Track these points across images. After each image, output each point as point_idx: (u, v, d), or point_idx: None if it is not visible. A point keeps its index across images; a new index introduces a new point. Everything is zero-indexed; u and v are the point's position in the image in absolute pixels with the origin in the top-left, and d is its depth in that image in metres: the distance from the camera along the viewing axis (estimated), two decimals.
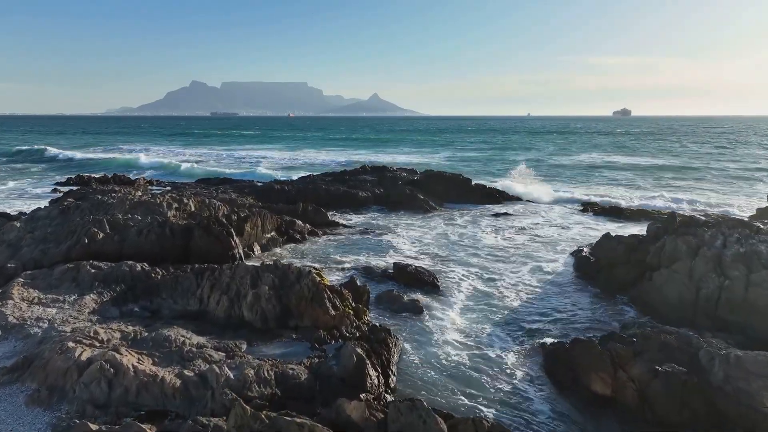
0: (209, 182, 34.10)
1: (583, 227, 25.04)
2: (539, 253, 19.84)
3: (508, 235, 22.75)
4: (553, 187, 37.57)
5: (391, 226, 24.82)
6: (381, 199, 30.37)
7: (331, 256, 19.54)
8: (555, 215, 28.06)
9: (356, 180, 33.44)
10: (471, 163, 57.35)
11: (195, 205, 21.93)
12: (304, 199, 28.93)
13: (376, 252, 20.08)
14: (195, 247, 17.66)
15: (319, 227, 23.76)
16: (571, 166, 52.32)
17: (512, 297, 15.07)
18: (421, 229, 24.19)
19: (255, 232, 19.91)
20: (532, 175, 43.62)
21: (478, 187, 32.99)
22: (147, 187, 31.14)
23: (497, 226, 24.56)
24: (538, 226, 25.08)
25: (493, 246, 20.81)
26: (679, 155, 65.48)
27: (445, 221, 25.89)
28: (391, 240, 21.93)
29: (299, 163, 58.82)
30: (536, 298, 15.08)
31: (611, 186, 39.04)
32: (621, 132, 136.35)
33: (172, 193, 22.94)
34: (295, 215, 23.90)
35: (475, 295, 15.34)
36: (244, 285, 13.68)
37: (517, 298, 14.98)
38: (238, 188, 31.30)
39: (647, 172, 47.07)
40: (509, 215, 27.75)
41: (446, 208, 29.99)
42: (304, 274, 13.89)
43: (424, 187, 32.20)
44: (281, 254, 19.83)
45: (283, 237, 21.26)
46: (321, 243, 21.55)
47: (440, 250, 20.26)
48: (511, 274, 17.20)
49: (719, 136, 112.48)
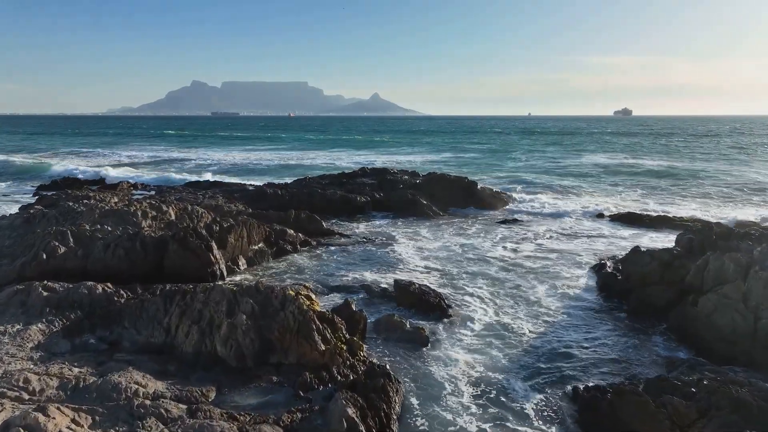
0: (198, 186, 32.07)
1: (601, 236, 22.98)
2: (556, 269, 17.77)
3: (520, 247, 20.68)
4: (562, 191, 35.52)
5: (391, 235, 22.77)
6: (381, 205, 28.33)
7: (325, 270, 17.50)
8: (568, 222, 26.00)
9: (354, 183, 31.41)
10: (473, 165, 55.32)
11: (175, 213, 19.89)
12: (298, 204, 26.92)
13: (374, 266, 18.04)
14: (169, 263, 15.62)
15: (313, 236, 21.73)
16: (579, 169, 50.22)
17: (531, 326, 12.99)
18: (425, 238, 22.13)
19: (240, 244, 17.86)
20: (539, 179, 41.69)
21: (484, 191, 30.94)
22: (130, 191, 29.09)
23: (508, 236, 22.50)
24: (551, 235, 23.02)
25: (504, 260, 18.74)
26: (691, 157, 63.28)
27: (451, 230, 23.82)
28: (391, 252, 19.88)
29: (294, 164, 56.75)
30: (559, 327, 13.00)
31: (625, 190, 36.96)
32: (627, 132, 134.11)
33: (151, 200, 20.91)
34: (286, 223, 21.85)
35: (488, 322, 13.26)
36: (218, 313, 11.62)
37: (537, 328, 12.90)
38: (228, 192, 29.26)
39: (661, 175, 44.99)
40: (519, 222, 25.69)
41: (451, 214, 27.94)
42: (289, 299, 11.83)
43: (427, 191, 30.14)
44: (269, 269, 17.79)
45: (272, 248, 19.21)
46: (314, 255, 19.50)
47: (447, 264, 18.20)
48: (528, 295, 15.12)
49: (730, 135, 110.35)
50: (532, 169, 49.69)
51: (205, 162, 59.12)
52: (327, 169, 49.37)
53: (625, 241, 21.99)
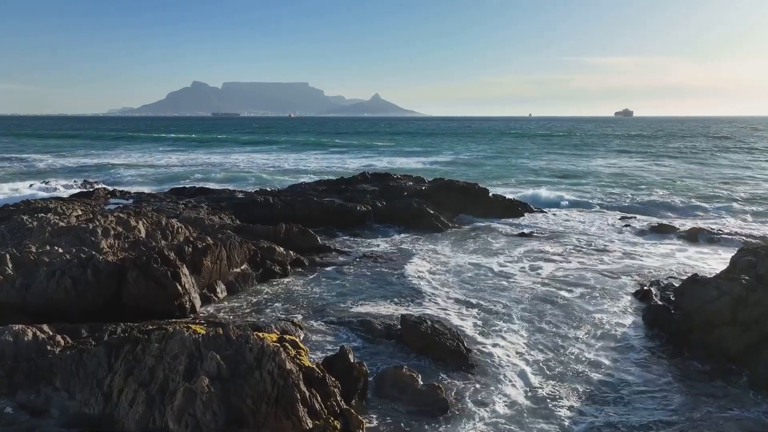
0: (183, 192, 29.33)
1: (633, 251, 20.23)
2: (593, 298, 15.01)
3: (545, 267, 17.93)
4: (580, 198, 32.80)
5: (395, 252, 20.05)
6: (383, 215, 25.58)
7: (317, 299, 14.77)
8: (591, 235, 23.23)
9: (354, 190, 28.68)
10: (480, 168, 52.57)
11: (146, 229, 17.15)
12: (291, 214, 24.20)
13: (376, 294, 15.30)
14: (128, 295, 12.87)
15: (307, 254, 19.00)
16: (593, 172, 47.45)
17: (578, 384, 10.22)
18: (434, 257, 19.38)
19: (218, 267, 15.12)
20: (553, 184, 39.05)
21: (497, 198, 28.21)
22: (106, 199, 26.36)
23: (530, 254, 19.73)
24: (577, 251, 20.27)
25: (530, 286, 15.98)
26: (705, 159, 60.51)
27: (464, 245, 21.06)
28: (396, 274, 17.15)
29: (290, 168, 54.02)
30: (614, 384, 10.24)
31: (646, 195, 34.18)
32: (637, 135, 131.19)
33: (120, 212, 18.17)
34: (275, 239, 19.13)
35: (521, 372, 10.53)
36: (174, 372, 8.90)
37: (585, 387, 10.13)
38: (215, 200, 26.53)
39: (680, 179, 42.23)
40: (538, 236, 22.93)
41: (461, 225, 25.20)
42: (267, 354, 9.08)
43: (434, 198, 27.42)
44: (253, 296, 15.06)
45: (258, 270, 16.47)
46: (307, 278, 16.77)
47: (462, 291, 15.45)
48: (566, 337, 12.37)
49: (748, 137, 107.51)
50: (543, 173, 46.95)
51: (196, 165, 56.43)
52: (325, 173, 46.69)
53: (661, 258, 19.28)
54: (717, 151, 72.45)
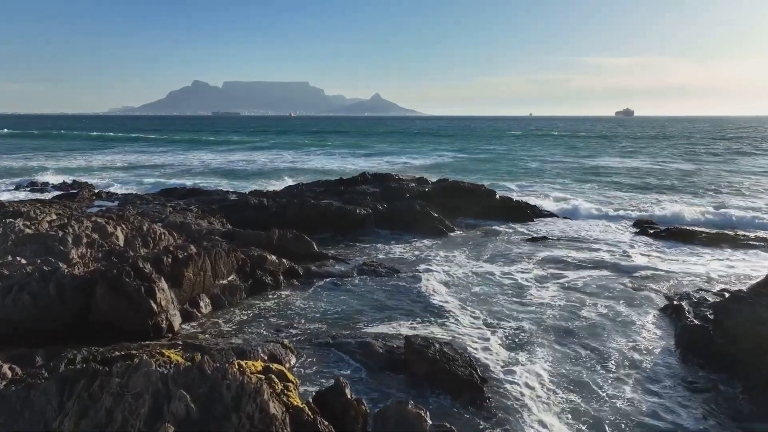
0: (173, 194, 27.85)
1: (653, 259, 18.74)
2: (616, 312, 13.52)
3: (562, 277, 16.43)
4: (589, 200, 31.31)
5: (398, 260, 18.58)
6: (384, 218, 24.10)
7: (311, 316, 13.27)
8: (606, 240, 21.73)
9: (353, 191, 27.18)
10: (484, 169, 51.04)
11: (125, 236, 15.66)
12: (285, 217, 22.74)
13: (376, 309, 13.80)
14: (97, 313, 11.37)
15: (302, 262, 17.50)
16: (600, 172, 45.92)
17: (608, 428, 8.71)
18: (439, 264, 17.88)
19: (201, 279, 13.62)
20: (559, 185, 37.58)
21: (504, 200, 26.72)
22: (91, 200, 24.88)
23: (544, 261, 18.23)
24: (593, 258, 18.77)
25: (548, 299, 14.49)
26: (721, 160, 58.85)
27: (471, 252, 19.55)
28: (398, 285, 15.66)
29: (287, 168, 52.52)
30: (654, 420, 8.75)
31: (658, 197, 32.66)
32: (639, 134, 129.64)
33: (99, 217, 16.67)
34: (267, 246, 17.63)
35: (545, 409, 9.03)
36: (135, 416, 7.40)
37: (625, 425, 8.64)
38: (206, 202, 25.05)
39: (693, 180, 40.72)
40: (549, 241, 21.44)
41: (467, 229, 23.70)
42: (248, 393, 7.58)
43: (438, 200, 25.95)
44: (240, 311, 13.57)
45: (246, 282, 14.97)
46: (300, 291, 15.27)
47: (473, 305, 13.94)
48: (591, 364, 10.85)
49: (760, 138, 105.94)
50: (549, 174, 45.40)
51: (190, 164, 54.93)
52: (323, 174, 45.23)
53: (685, 266, 17.78)
54: (729, 152, 70.57)
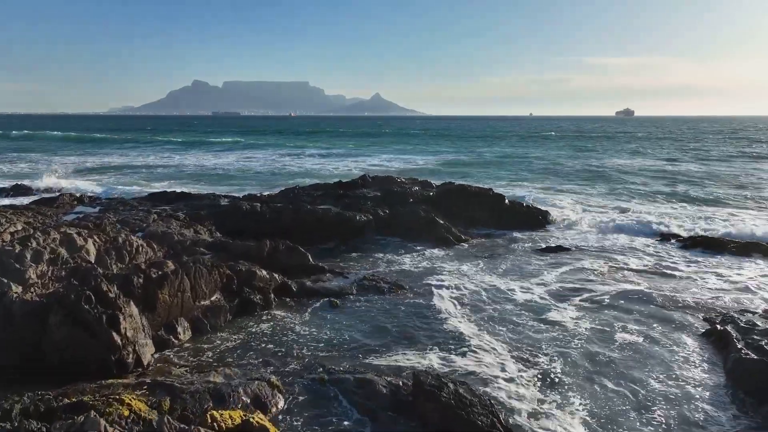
0: (161, 198, 26.11)
1: (682, 272, 17.07)
2: (652, 340, 11.84)
3: (585, 293, 14.74)
4: (603, 204, 29.63)
5: (400, 273, 16.90)
6: (386, 225, 22.42)
7: (302, 344, 11.59)
8: (626, 249, 20.02)
9: (353, 195, 25.48)
10: (488, 171, 49.26)
11: (97, 250, 13.98)
12: (280, 223, 21.08)
13: (378, 335, 12.11)
14: (50, 346, 9.69)
15: (296, 276, 15.82)
16: (612, 175, 44.08)
17: None
18: (448, 278, 16.18)
19: (179, 301, 11.93)
20: (570, 188, 35.92)
21: (514, 205, 25.02)
22: (72, 205, 23.19)
23: (564, 276, 16.53)
24: (617, 272, 17.08)
25: (574, 323, 12.80)
26: (732, 162, 57.03)
27: (483, 264, 17.84)
28: (402, 305, 13.97)
29: (284, 170, 50.81)
30: None
31: (677, 201, 30.95)
32: (645, 134, 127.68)
33: (68, 227, 14.97)
34: (258, 258, 15.94)
35: None
36: None
37: None
38: (195, 208, 23.35)
39: (711, 182, 38.98)
40: (567, 251, 19.75)
41: (475, 237, 22.01)
42: None
43: (443, 206, 24.25)
44: (224, 337, 11.90)
45: (233, 301, 13.28)
46: (293, 312, 13.59)
47: (487, 329, 12.25)
48: (630, 412, 9.16)
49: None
50: (557, 176, 43.55)
51: (185, 166, 53.22)
52: (321, 176, 43.56)
53: (719, 281, 16.13)
54: (739, 154, 68.74)
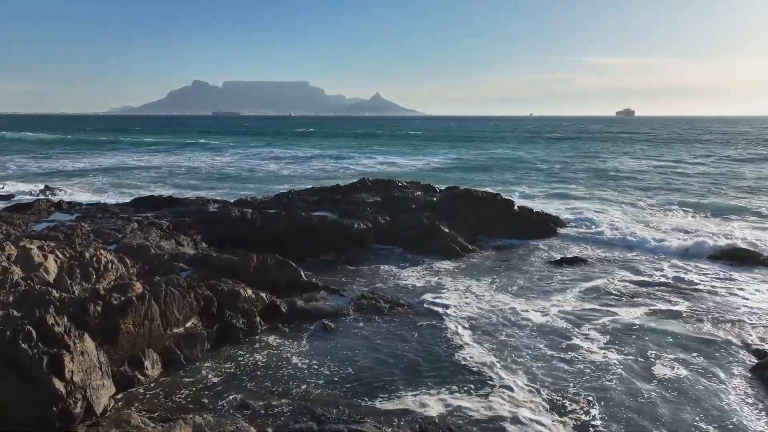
0: (146, 203, 24.38)
1: (714, 288, 15.39)
2: (691, 375, 10.17)
3: (613, 315, 13.05)
4: (620, 210, 27.97)
5: (402, 289, 15.23)
6: (387, 234, 20.74)
7: (290, 382, 9.90)
8: (652, 264, 18.27)
9: (351, 201, 23.81)
10: (493, 174, 47.58)
11: (61, 265, 12.29)
12: (272, 234, 19.40)
13: (378, 366, 10.43)
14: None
15: (286, 294, 14.15)
16: (623, 177, 42.26)
17: None
18: (456, 297, 14.50)
19: (146, 330, 10.24)
20: (582, 192, 34.25)
21: (524, 212, 23.32)
22: (49, 211, 21.51)
23: (587, 294, 14.85)
24: (642, 290, 15.39)
25: (602, 353, 11.11)
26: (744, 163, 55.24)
27: (493, 279, 16.15)
28: (406, 328, 12.30)
29: (280, 172, 49.11)
30: None
31: (695, 205, 29.23)
32: (654, 135, 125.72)
33: (28, 241, 13.28)
34: (243, 274, 14.25)
35: None
36: None
37: None
38: (181, 214, 21.66)
39: (730, 185, 37.27)
40: (585, 262, 18.06)
41: (484, 248, 20.32)
42: None
43: (448, 212, 22.57)
44: (199, 374, 10.21)
45: (212, 327, 11.59)
46: (281, 340, 11.89)
47: (504, 361, 10.56)
48: None
49: None
50: (566, 179, 41.67)
51: (179, 167, 51.52)
52: (319, 178, 41.92)
53: (759, 300, 14.43)
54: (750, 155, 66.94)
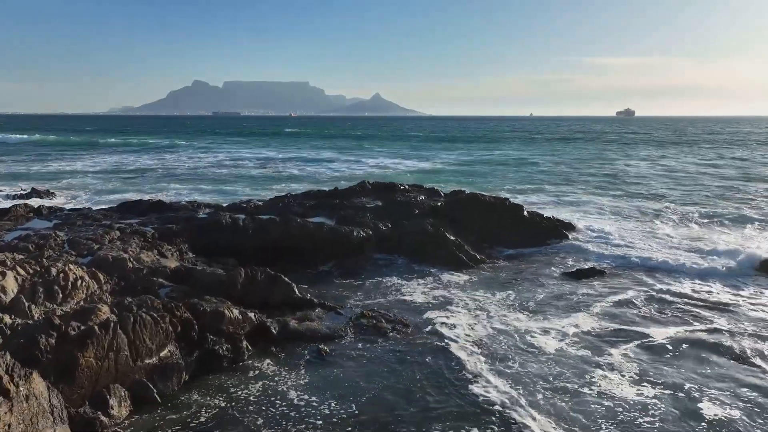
0: (132, 209, 22.88)
1: (753, 305, 13.95)
2: (746, 412, 8.77)
3: (632, 331, 11.64)
4: (637, 216, 26.55)
5: (405, 305, 13.82)
6: (388, 241, 19.34)
7: (275, 424, 8.48)
8: (678, 275, 16.80)
9: (350, 206, 22.39)
10: (497, 176, 46.11)
11: (23, 283, 10.89)
12: (265, 242, 18.04)
13: (378, 405, 9.02)
14: None
15: (278, 312, 12.79)
16: (634, 181, 40.77)
17: None
18: (467, 315, 13.09)
19: (111, 364, 8.82)
20: (595, 197, 32.86)
21: (534, 218, 21.91)
22: (28, 217, 20.09)
23: (602, 309, 13.47)
24: (668, 306, 13.98)
25: (628, 382, 9.72)
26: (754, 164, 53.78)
27: (506, 294, 14.72)
28: (411, 354, 10.90)
29: (277, 174, 47.65)
30: None
31: (712, 210, 27.80)
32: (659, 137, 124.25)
33: None
34: (229, 291, 12.85)
35: None
36: None
37: None
38: (168, 221, 20.24)
39: (747, 189, 35.84)
40: (600, 275, 16.62)
41: (493, 257, 18.90)
42: None
43: (453, 218, 21.18)
44: (175, 413, 8.80)
45: (191, 356, 10.20)
46: (270, 369, 10.47)
47: (527, 398, 9.15)
48: None
49: None
50: (575, 182, 40.09)
51: (173, 169, 50.07)
52: (317, 180, 40.47)
53: None
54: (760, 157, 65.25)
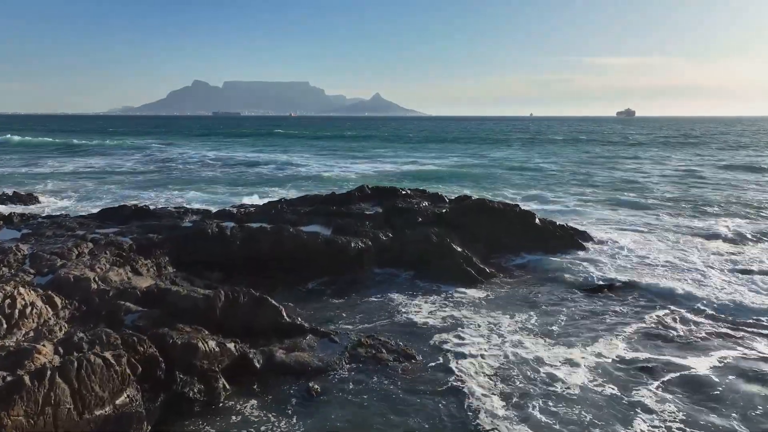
0: (113, 216, 21.22)
1: None
2: None
3: (667, 361, 10.04)
4: (654, 224, 24.99)
5: (408, 329, 12.21)
6: (389, 251, 17.73)
7: None
8: (708, 292, 15.19)
9: (349, 213, 20.80)
10: (501, 179, 44.45)
11: None
12: (254, 254, 16.46)
13: None
14: None
15: (263, 340, 11.20)
16: (643, 185, 39.06)
17: None
18: (476, 341, 11.48)
19: (46, 421, 7.20)
20: (607, 203, 31.30)
21: (546, 226, 20.29)
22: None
23: (629, 333, 11.88)
24: (704, 330, 12.37)
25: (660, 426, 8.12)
26: None
27: (521, 316, 13.07)
28: (414, 392, 9.29)
29: (273, 176, 46.02)
30: None
31: (725, 215, 26.15)
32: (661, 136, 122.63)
33: None
34: (206, 317, 11.23)
35: None
36: None
37: None
38: (150, 229, 18.61)
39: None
40: (621, 291, 15.00)
41: (505, 271, 17.26)
42: None
43: (459, 226, 19.57)
44: None
45: (155, 400, 8.59)
46: (248, 413, 8.86)
47: None
48: None
49: None
50: (582, 185, 38.42)
51: (170, 170, 48.49)
52: (315, 183, 38.84)
53: None
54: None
